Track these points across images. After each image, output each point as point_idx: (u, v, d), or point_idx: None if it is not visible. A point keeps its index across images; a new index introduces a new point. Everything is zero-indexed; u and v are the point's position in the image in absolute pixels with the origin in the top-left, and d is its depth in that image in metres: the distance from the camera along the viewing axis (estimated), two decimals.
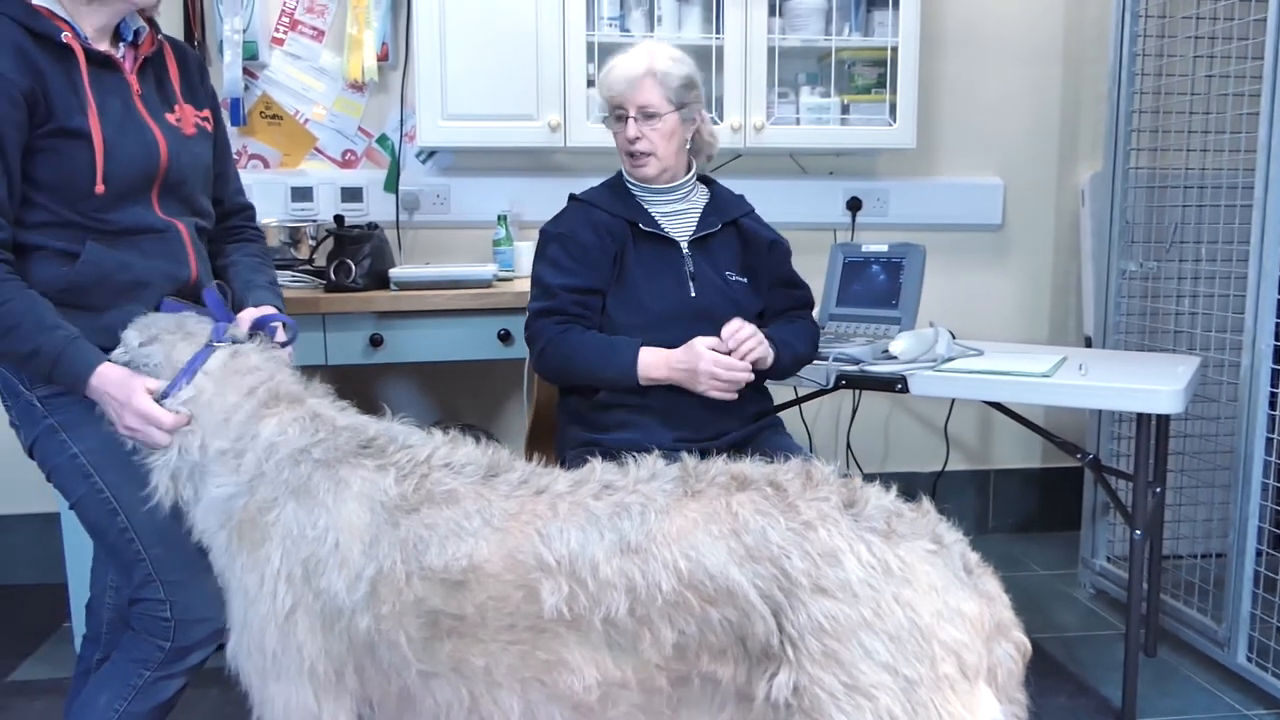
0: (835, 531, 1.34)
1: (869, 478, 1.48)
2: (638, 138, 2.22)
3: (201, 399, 1.61)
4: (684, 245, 2.28)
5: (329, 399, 1.66)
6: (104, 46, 1.75)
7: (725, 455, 1.52)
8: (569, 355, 2.17)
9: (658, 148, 2.23)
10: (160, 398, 1.61)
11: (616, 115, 2.25)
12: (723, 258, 2.30)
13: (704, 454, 1.55)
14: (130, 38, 1.79)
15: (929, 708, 1.27)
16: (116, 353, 1.67)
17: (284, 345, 1.78)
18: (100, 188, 1.69)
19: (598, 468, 1.49)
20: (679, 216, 2.31)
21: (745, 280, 2.31)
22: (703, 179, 2.40)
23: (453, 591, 1.40)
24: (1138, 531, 2.42)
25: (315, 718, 1.47)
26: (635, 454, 1.51)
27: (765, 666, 1.33)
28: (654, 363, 2.13)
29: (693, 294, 2.24)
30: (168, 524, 1.66)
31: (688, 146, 2.30)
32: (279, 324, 1.81)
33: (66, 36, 1.67)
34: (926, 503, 1.45)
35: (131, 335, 1.68)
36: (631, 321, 2.22)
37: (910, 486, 1.51)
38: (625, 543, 1.37)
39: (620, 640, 1.36)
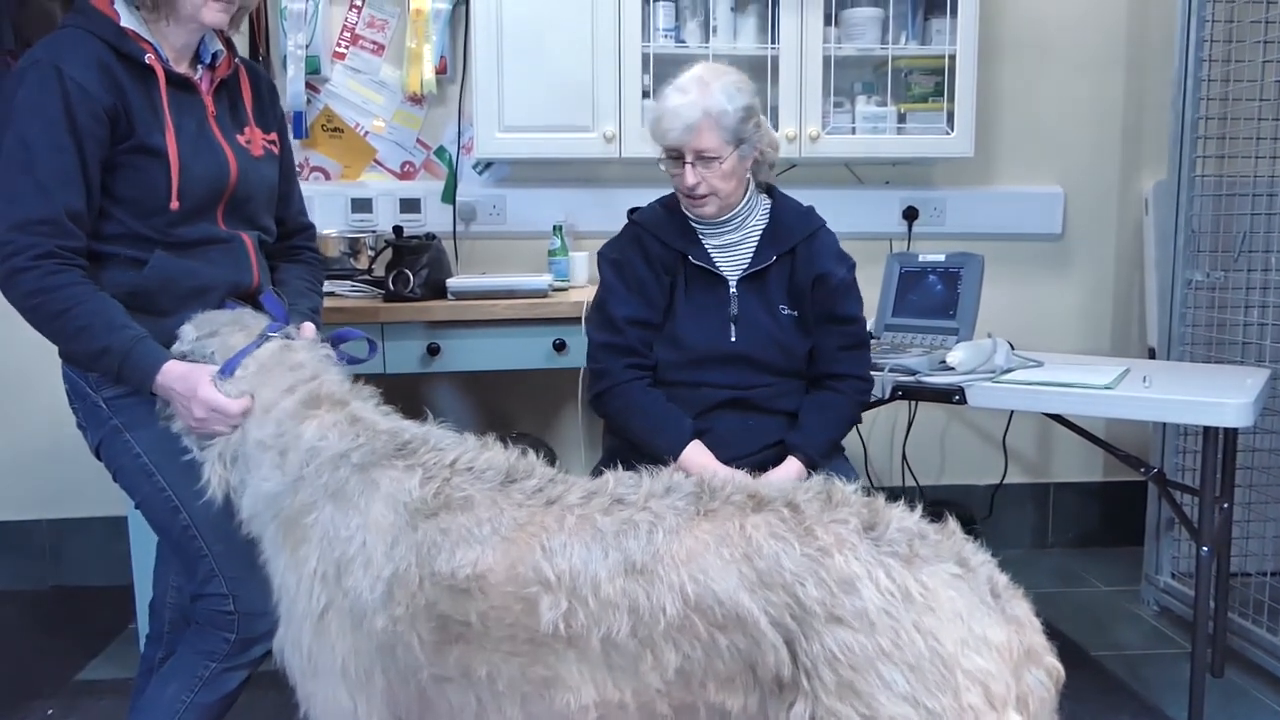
0: (853, 557, 1.29)
1: (925, 490, 1.45)
2: (697, 183, 2.13)
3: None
4: (732, 284, 2.22)
5: (373, 402, 1.68)
6: (183, 68, 1.81)
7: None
8: (627, 411, 2.17)
9: (718, 189, 2.15)
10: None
11: (671, 157, 2.15)
12: (775, 291, 2.23)
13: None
14: (208, 60, 1.86)
15: None
16: (175, 346, 1.72)
17: (352, 361, 1.81)
18: (175, 204, 1.75)
19: (612, 479, 1.47)
20: (733, 248, 2.25)
21: (796, 314, 2.24)
22: (767, 189, 2.32)
23: (459, 598, 1.41)
24: (1204, 548, 2.36)
25: (352, 715, 1.49)
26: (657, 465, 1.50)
27: (781, 698, 1.29)
28: (695, 461, 2.09)
29: (732, 339, 2.20)
30: (227, 521, 1.70)
31: (748, 174, 2.22)
32: (361, 341, 1.86)
33: (150, 58, 1.73)
34: (953, 523, 1.40)
35: (189, 330, 1.73)
36: (669, 359, 2.21)
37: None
38: (630, 563, 1.35)
39: (620, 661, 1.34)
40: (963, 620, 1.27)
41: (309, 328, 1.83)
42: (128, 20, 1.74)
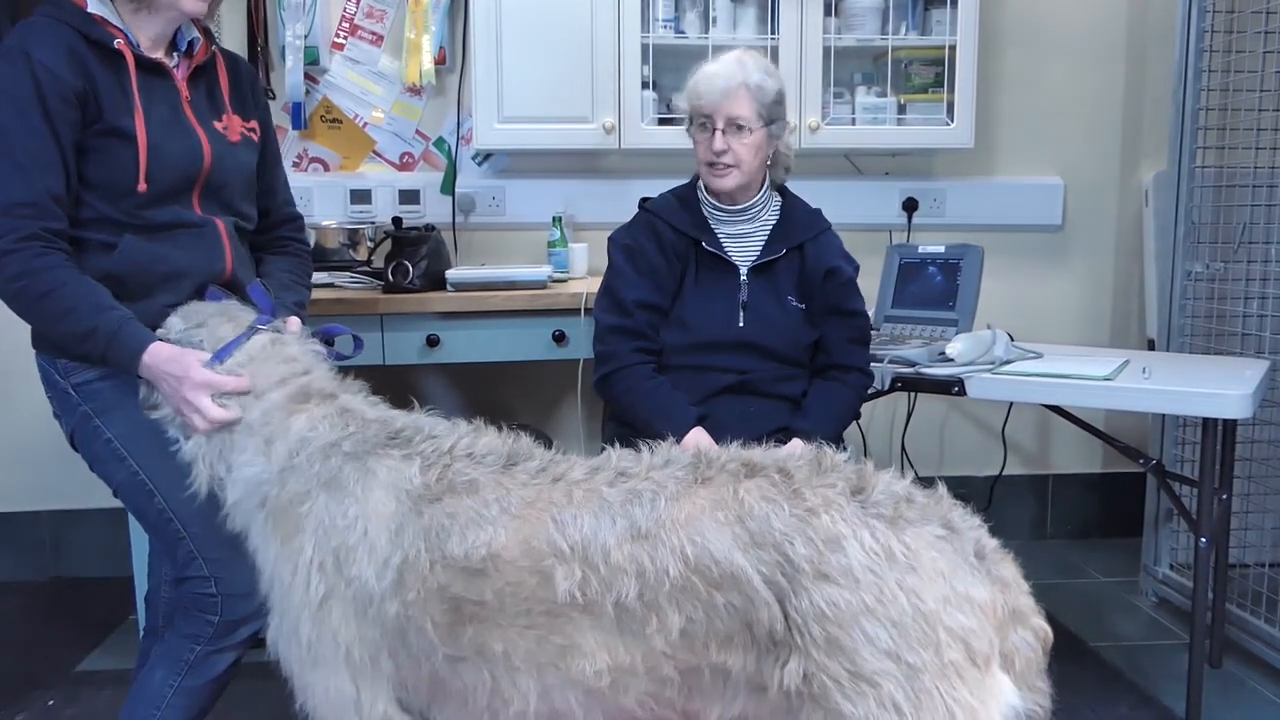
0: (839, 517, 1.35)
1: (924, 481, 1.46)
2: (724, 150, 2.17)
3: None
4: (743, 272, 2.26)
5: (362, 394, 1.69)
6: (158, 55, 1.82)
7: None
8: (631, 394, 2.19)
9: (743, 160, 2.19)
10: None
11: (701, 124, 2.20)
12: (784, 283, 2.28)
13: None
14: (185, 48, 1.86)
15: (933, 695, 1.27)
16: (160, 334, 1.71)
17: (340, 358, 1.80)
18: (142, 186, 1.75)
19: (614, 455, 1.51)
20: (745, 239, 2.29)
21: (803, 307, 2.29)
22: (779, 189, 2.36)
23: (473, 579, 1.43)
24: (1203, 539, 2.36)
25: (354, 702, 1.50)
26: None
27: (775, 654, 1.34)
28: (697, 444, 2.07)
29: (740, 324, 2.23)
30: (205, 503, 1.69)
31: (768, 163, 2.28)
32: (347, 337, 1.85)
33: (119, 43, 1.74)
34: (941, 488, 1.44)
35: (176, 321, 1.72)
36: (676, 342, 2.23)
37: (966, 490, 1.49)
38: (636, 529, 1.39)
39: (630, 625, 1.38)
40: (945, 579, 1.31)
41: (294, 322, 1.81)
42: (95, 7, 1.75)
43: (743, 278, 2.26)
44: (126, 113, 1.74)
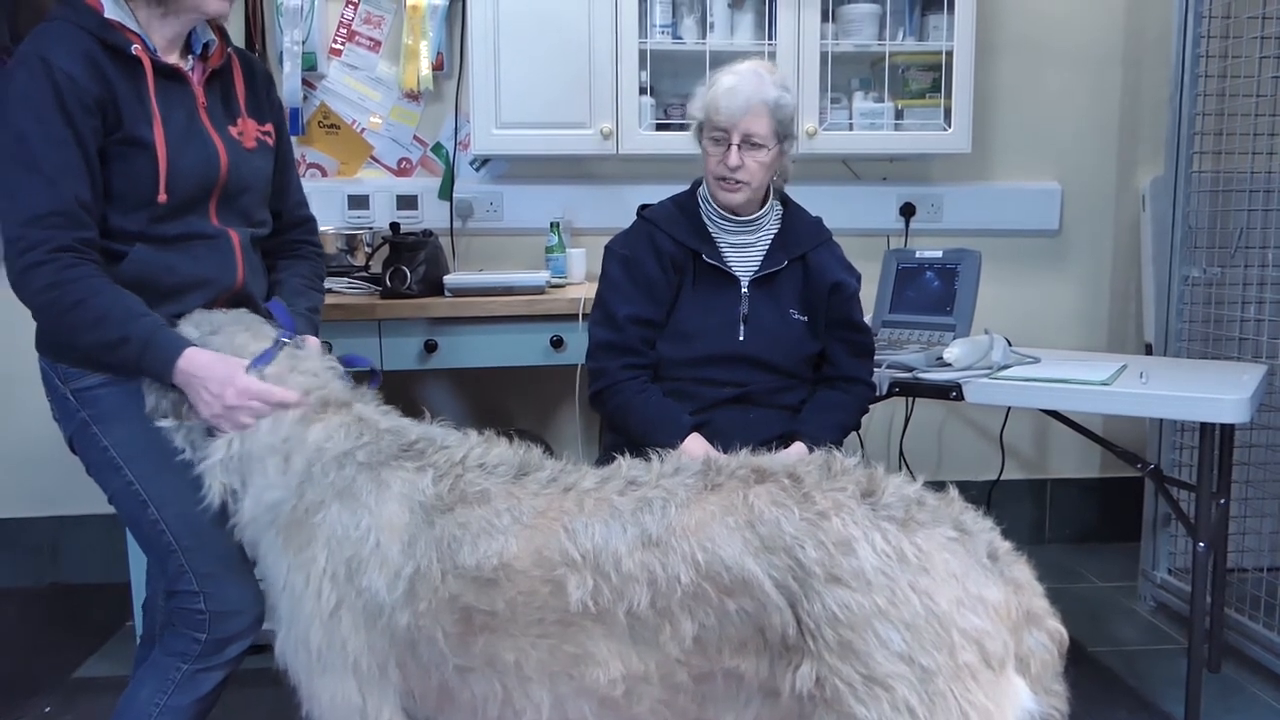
0: (850, 520, 1.35)
1: (934, 485, 1.46)
2: (739, 166, 2.15)
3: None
4: (744, 284, 2.24)
5: (375, 403, 1.70)
6: (173, 59, 1.78)
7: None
8: (624, 410, 2.17)
9: (754, 177, 2.17)
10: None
11: (714, 137, 2.16)
12: (786, 295, 2.26)
13: None
14: (199, 51, 1.83)
15: (948, 697, 1.26)
16: None
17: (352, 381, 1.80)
18: (163, 197, 1.72)
19: (624, 464, 1.52)
20: (746, 250, 2.27)
21: (806, 319, 2.27)
22: (781, 198, 2.35)
23: (485, 588, 1.44)
24: (1201, 544, 2.36)
25: (360, 711, 1.51)
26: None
27: (788, 659, 1.34)
28: (694, 452, 2.06)
29: (740, 338, 2.22)
30: (200, 517, 1.68)
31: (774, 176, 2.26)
32: (367, 369, 1.86)
33: (136, 49, 1.70)
34: (953, 491, 1.44)
35: (190, 329, 1.72)
36: (675, 355, 2.21)
37: (963, 495, 1.49)
38: (647, 536, 1.40)
39: (643, 633, 1.39)
40: (958, 581, 1.31)
41: (313, 342, 1.81)
42: (112, 11, 1.71)
43: (744, 290, 2.24)
44: (145, 122, 1.71)
